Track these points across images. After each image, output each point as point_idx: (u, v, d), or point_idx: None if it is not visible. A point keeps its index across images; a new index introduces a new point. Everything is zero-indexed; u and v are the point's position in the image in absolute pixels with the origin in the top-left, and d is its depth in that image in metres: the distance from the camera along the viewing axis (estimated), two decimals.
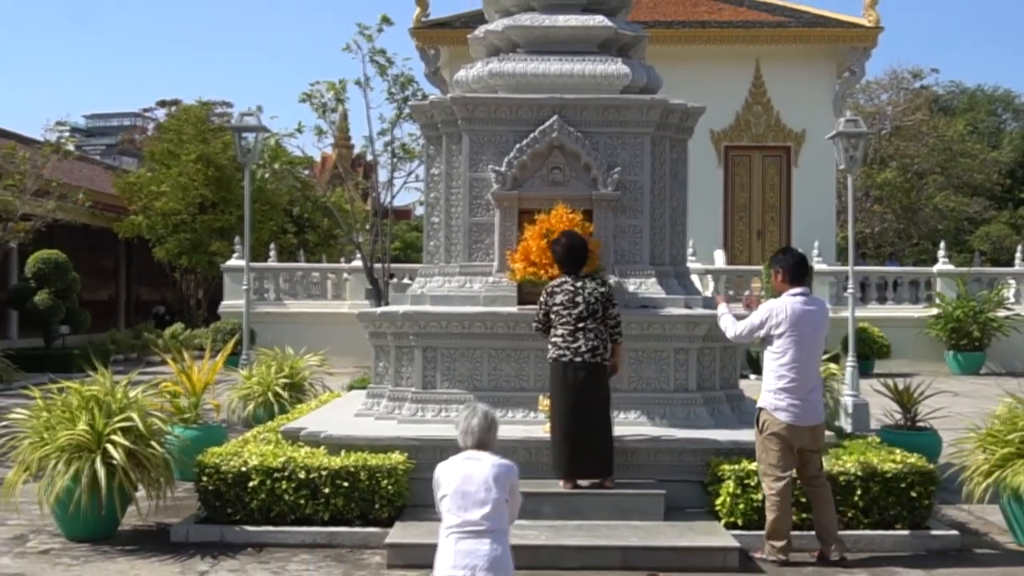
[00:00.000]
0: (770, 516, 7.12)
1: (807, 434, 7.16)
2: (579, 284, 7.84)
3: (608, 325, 7.84)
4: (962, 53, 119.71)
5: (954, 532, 7.65)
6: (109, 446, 7.38)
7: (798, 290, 7.34)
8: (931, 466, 7.77)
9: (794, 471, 7.18)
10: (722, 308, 7.99)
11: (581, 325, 7.71)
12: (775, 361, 7.21)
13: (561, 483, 7.78)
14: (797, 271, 7.42)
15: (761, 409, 7.25)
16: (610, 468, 7.77)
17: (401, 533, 7.21)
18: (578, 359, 7.70)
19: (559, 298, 7.84)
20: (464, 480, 5.07)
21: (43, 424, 7.69)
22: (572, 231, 8.33)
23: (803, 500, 7.28)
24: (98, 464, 7.26)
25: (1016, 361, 22.23)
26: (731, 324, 7.76)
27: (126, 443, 7.43)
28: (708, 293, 18.90)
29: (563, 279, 7.93)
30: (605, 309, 7.81)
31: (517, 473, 5.25)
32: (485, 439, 5.30)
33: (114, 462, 7.32)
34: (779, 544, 7.08)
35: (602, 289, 7.86)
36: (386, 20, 19.68)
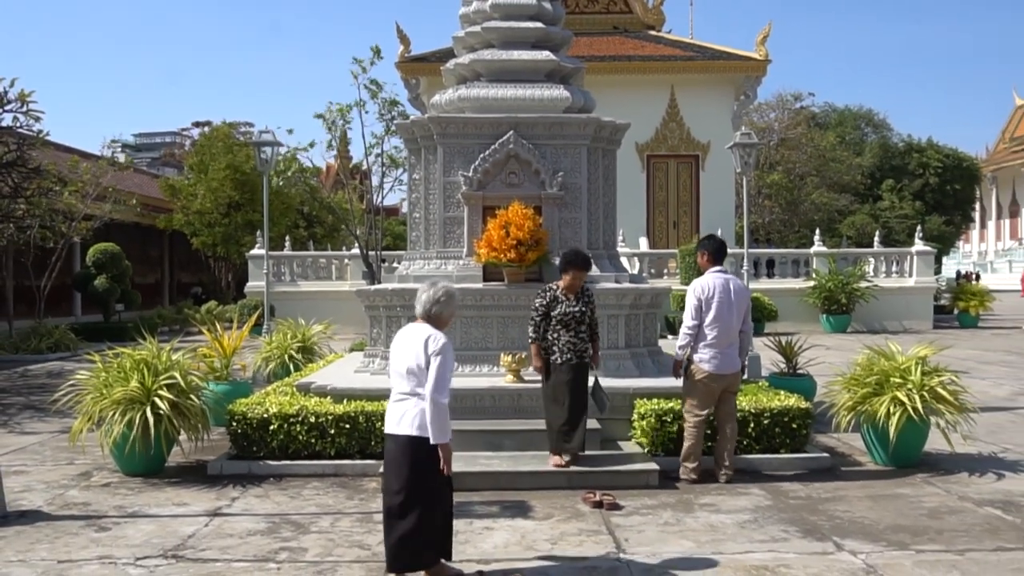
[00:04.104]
0: (686, 444, 7.18)
1: (727, 379, 7.20)
2: None
3: None
4: (833, 80, 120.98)
5: (825, 455, 7.76)
6: (156, 399, 7.31)
7: (718, 268, 7.38)
8: (807, 404, 7.87)
9: (711, 409, 7.22)
10: (678, 354, 7.32)
11: None
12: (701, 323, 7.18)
13: None
14: (718, 253, 7.45)
15: (690, 361, 7.25)
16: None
17: None
18: None
19: None
20: (401, 353, 4.81)
21: (102, 382, 7.59)
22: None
23: (708, 432, 7.33)
24: (148, 414, 7.19)
25: (875, 321, 22.61)
26: (684, 334, 7.18)
27: (170, 396, 7.37)
28: (635, 271, 18.97)
29: None
30: None
31: (444, 343, 4.70)
32: (431, 310, 4.83)
33: (160, 412, 7.24)
34: (691, 466, 7.15)
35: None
36: (377, 53, 19.35)
